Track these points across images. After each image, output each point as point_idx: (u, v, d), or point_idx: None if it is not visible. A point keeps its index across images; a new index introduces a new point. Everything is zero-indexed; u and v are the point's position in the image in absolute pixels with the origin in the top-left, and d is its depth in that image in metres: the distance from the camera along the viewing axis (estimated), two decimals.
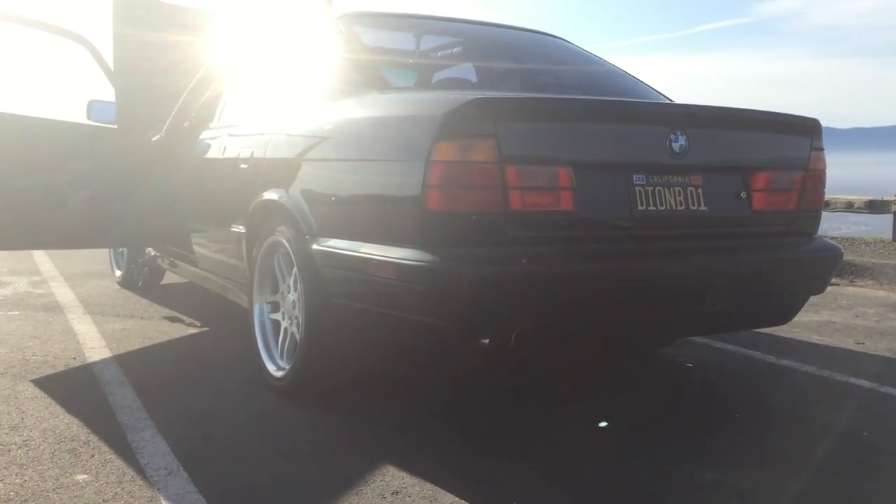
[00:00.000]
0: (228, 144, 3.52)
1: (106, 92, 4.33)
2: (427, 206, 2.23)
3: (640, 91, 3.28)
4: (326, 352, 2.71)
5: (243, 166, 3.23)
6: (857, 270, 6.19)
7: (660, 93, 3.36)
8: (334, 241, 2.57)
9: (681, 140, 2.49)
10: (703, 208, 2.56)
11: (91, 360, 3.39)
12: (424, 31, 3.60)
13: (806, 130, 2.81)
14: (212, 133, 3.82)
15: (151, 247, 4.66)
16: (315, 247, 2.64)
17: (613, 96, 3.16)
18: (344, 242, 2.53)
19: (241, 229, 3.22)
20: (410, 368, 3.32)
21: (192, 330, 4.04)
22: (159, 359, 3.51)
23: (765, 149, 2.75)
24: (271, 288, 3.07)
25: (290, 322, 2.90)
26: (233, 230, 3.33)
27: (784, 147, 2.79)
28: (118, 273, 5.33)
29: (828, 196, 7.35)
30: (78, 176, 3.87)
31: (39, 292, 5.04)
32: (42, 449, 2.36)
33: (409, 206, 2.29)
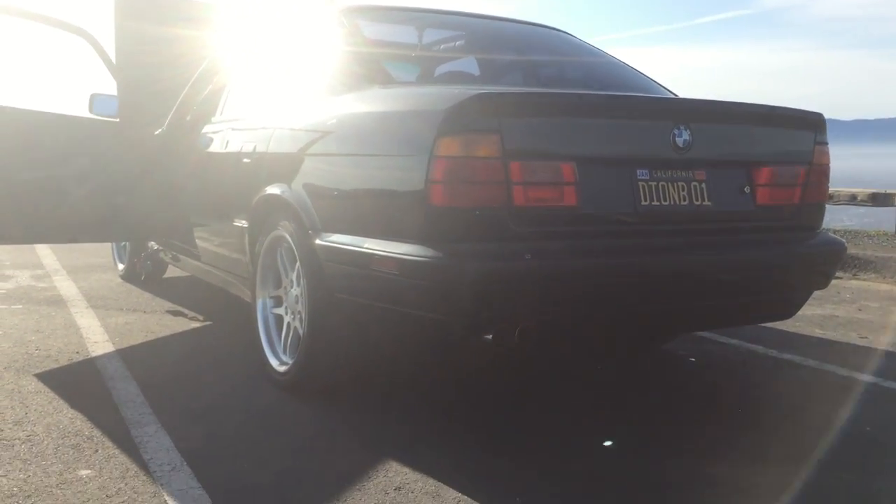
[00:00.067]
0: (231, 138, 3.51)
1: (108, 85, 4.33)
2: (430, 202, 2.23)
3: (644, 85, 3.27)
4: (329, 347, 2.71)
5: (246, 161, 3.23)
6: (861, 264, 6.19)
7: (663, 86, 3.35)
8: (337, 237, 2.57)
9: (684, 135, 2.48)
10: (707, 203, 2.55)
11: (94, 355, 3.40)
12: (427, 25, 3.59)
13: (810, 125, 2.80)
14: (214, 127, 3.81)
15: (154, 241, 4.66)
16: (318, 242, 2.63)
17: (616, 90, 3.15)
18: (347, 237, 2.53)
19: (244, 224, 3.22)
20: (414, 364, 3.32)
21: (195, 324, 4.05)
22: (162, 353, 3.52)
23: (768, 143, 2.74)
24: (274, 283, 3.07)
25: (293, 317, 2.90)
26: (235, 225, 3.33)
27: (788, 141, 2.79)
28: (121, 267, 5.33)
29: (831, 189, 7.35)
30: (80, 170, 3.87)
31: (42, 286, 5.05)
32: (45, 444, 2.36)
33: (413, 202, 2.28)
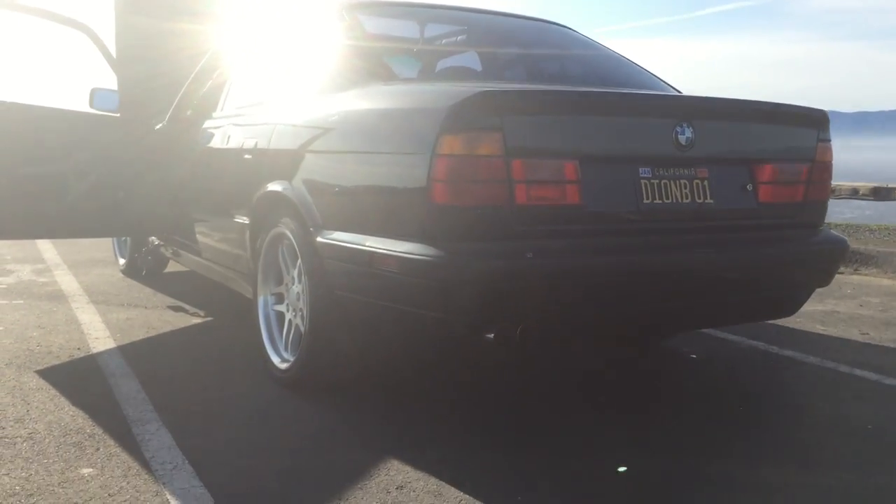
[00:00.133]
0: (232, 134, 3.50)
1: (109, 80, 4.33)
2: (432, 200, 2.22)
3: (646, 81, 3.26)
4: (331, 345, 2.70)
5: (247, 157, 3.22)
6: (862, 258, 6.17)
7: (665, 82, 3.34)
8: (339, 234, 2.56)
9: (687, 132, 2.47)
10: (709, 201, 2.55)
11: (95, 351, 3.40)
12: (428, 20, 3.58)
13: (813, 122, 2.79)
14: (215, 122, 3.80)
15: (155, 236, 4.66)
16: (319, 239, 2.63)
17: (619, 86, 3.14)
18: (348, 235, 2.52)
19: (245, 220, 3.21)
20: (415, 362, 3.31)
21: (196, 320, 4.05)
22: (164, 349, 3.51)
23: (771, 140, 2.74)
24: (275, 279, 3.07)
25: (295, 314, 2.90)
26: (236, 221, 3.32)
27: (791, 139, 2.78)
28: (122, 261, 5.33)
29: (832, 183, 7.34)
30: (81, 165, 3.87)
31: (43, 281, 5.05)
32: (47, 442, 2.36)
33: (415, 200, 2.28)
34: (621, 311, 2.47)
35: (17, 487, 2.05)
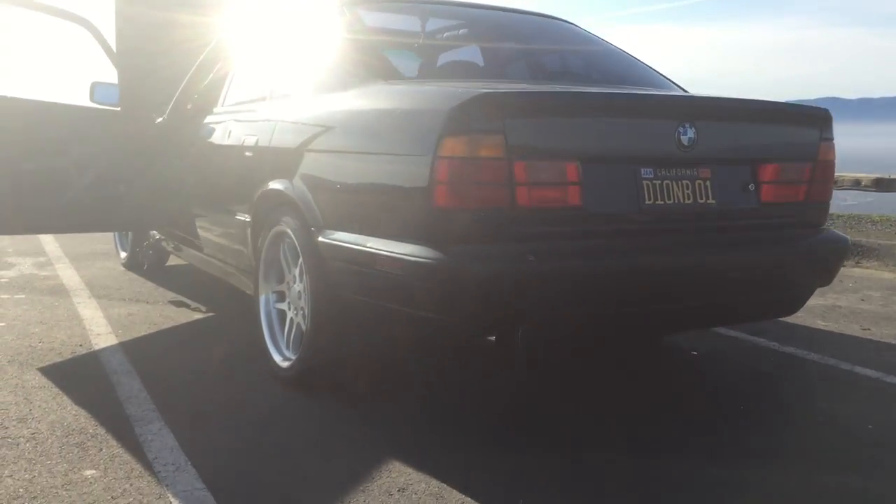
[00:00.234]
0: (233, 130, 3.49)
1: (109, 73, 4.31)
2: (434, 202, 2.22)
3: (649, 78, 3.25)
4: (332, 344, 2.71)
5: (248, 154, 3.21)
6: (864, 251, 6.17)
7: (668, 79, 3.33)
8: (340, 234, 2.56)
9: (689, 132, 2.46)
10: (711, 201, 2.54)
11: (97, 348, 3.40)
12: (430, 16, 3.56)
13: (815, 121, 2.78)
14: (216, 117, 3.79)
15: (156, 230, 4.66)
16: (321, 239, 2.63)
17: (622, 84, 3.13)
18: (350, 236, 2.52)
19: (247, 218, 3.21)
20: (417, 362, 3.30)
21: (198, 315, 4.05)
22: (165, 346, 3.52)
23: (774, 140, 2.73)
24: (277, 278, 3.07)
25: (296, 313, 2.90)
26: (238, 218, 3.32)
27: (793, 138, 2.77)
28: (123, 255, 5.33)
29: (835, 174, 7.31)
30: (82, 159, 3.86)
31: (45, 274, 5.05)
32: (50, 442, 2.37)
33: (416, 202, 2.27)
34: (623, 313, 2.47)
35: (21, 490, 2.06)
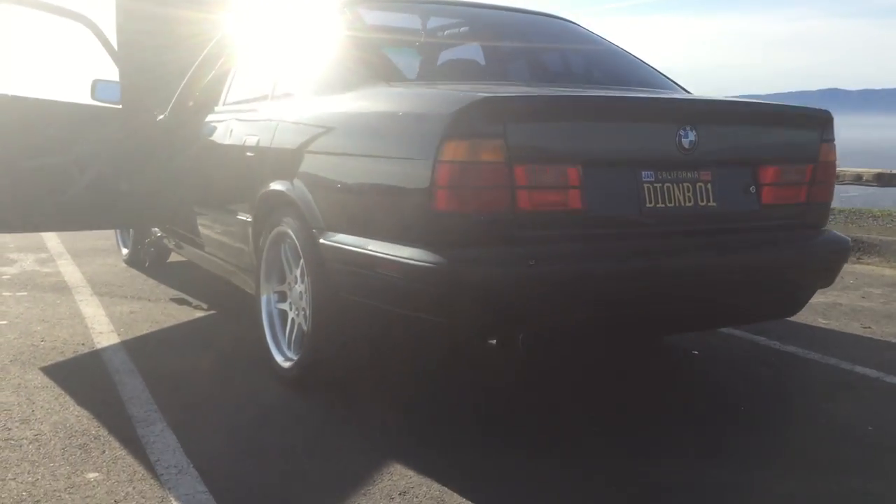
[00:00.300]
0: (235, 129, 3.49)
1: (111, 70, 4.30)
2: (435, 206, 2.22)
3: (651, 78, 3.24)
4: (333, 346, 2.71)
5: (249, 154, 3.21)
6: (865, 247, 6.18)
7: (670, 79, 3.32)
8: (341, 237, 2.57)
9: (690, 135, 2.46)
10: (712, 204, 2.54)
11: (99, 346, 3.41)
12: (432, 15, 3.56)
13: (816, 122, 2.78)
14: (218, 115, 3.79)
15: (157, 227, 4.66)
16: (322, 241, 2.63)
17: (623, 85, 3.13)
18: (351, 238, 2.53)
19: (248, 218, 3.21)
20: (419, 365, 3.29)
21: (199, 313, 4.06)
22: (167, 345, 3.53)
23: (775, 142, 2.73)
24: (278, 278, 3.07)
25: (298, 313, 2.91)
26: (239, 218, 3.32)
27: (794, 140, 2.77)
28: (124, 251, 5.34)
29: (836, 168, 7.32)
30: (83, 157, 3.86)
31: (47, 271, 5.06)
32: (53, 444, 2.38)
33: (417, 206, 2.28)
34: (624, 316, 2.47)
35: (24, 493, 2.07)
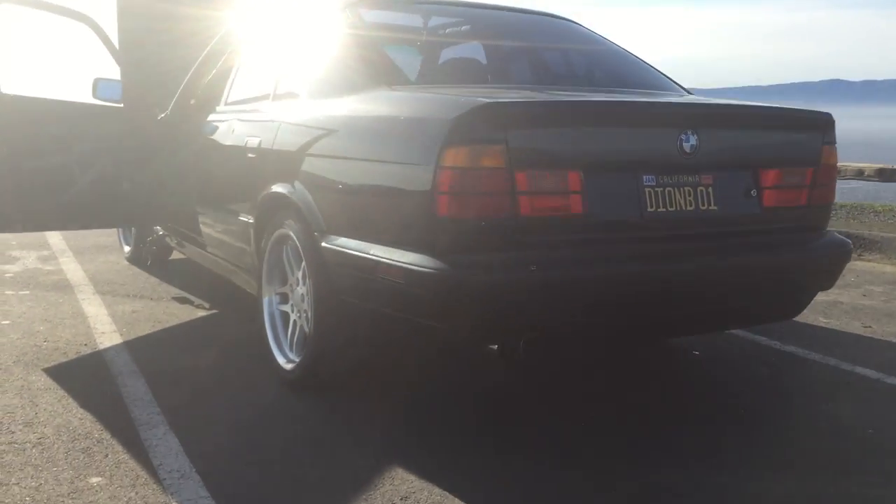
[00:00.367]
0: (236, 129, 3.49)
1: (112, 69, 4.30)
2: (436, 212, 2.23)
3: (653, 80, 3.24)
4: (335, 349, 2.72)
5: (251, 155, 3.21)
6: (866, 244, 6.17)
7: (671, 80, 3.32)
8: (343, 240, 2.57)
9: (692, 140, 2.47)
10: (713, 208, 2.54)
11: (102, 347, 3.42)
12: (433, 15, 3.56)
13: (818, 125, 2.78)
14: (219, 115, 3.79)
15: (159, 225, 4.67)
16: (324, 244, 2.64)
17: (625, 86, 3.13)
18: (352, 242, 2.53)
19: (250, 219, 3.22)
20: (421, 367, 3.26)
21: (201, 312, 4.07)
22: (170, 345, 3.54)
23: (776, 145, 2.73)
24: (280, 279, 3.08)
25: (299, 315, 2.91)
26: (241, 219, 3.33)
27: (795, 142, 2.77)
28: (126, 249, 5.34)
29: (838, 164, 7.33)
30: (85, 157, 3.87)
31: (49, 269, 5.07)
32: (56, 448, 2.39)
33: (419, 211, 2.28)
34: (625, 320, 2.48)
35: (28, 498, 2.08)
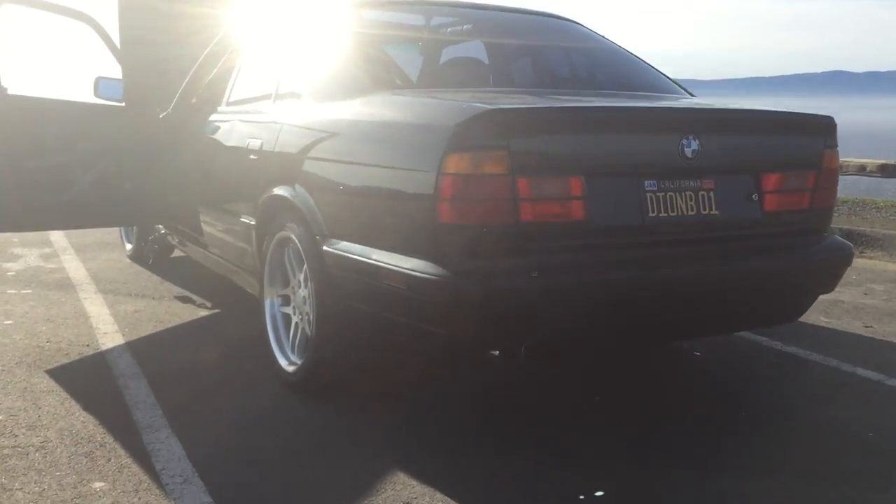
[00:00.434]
0: (238, 130, 3.48)
1: (114, 68, 4.30)
2: (438, 219, 2.23)
3: (655, 82, 3.24)
4: (337, 352, 2.73)
5: (253, 157, 3.21)
6: (868, 241, 6.16)
7: (674, 81, 3.32)
8: (345, 244, 2.57)
9: (693, 145, 2.46)
10: (715, 212, 2.54)
11: (104, 348, 3.43)
12: (435, 16, 3.55)
13: (820, 129, 2.78)
14: (221, 115, 3.78)
15: (161, 224, 4.67)
16: (325, 248, 2.64)
17: (627, 88, 3.13)
18: (354, 246, 2.53)
19: (251, 221, 3.22)
20: (423, 371, 3.25)
21: (203, 311, 4.08)
22: (172, 346, 3.55)
23: (778, 149, 2.73)
24: (282, 281, 3.08)
25: (301, 318, 2.92)
26: (242, 220, 3.33)
27: (797, 146, 2.77)
28: (128, 246, 5.35)
29: (840, 159, 7.33)
30: (87, 156, 3.87)
31: (51, 267, 5.08)
32: (59, 452, 2.40)
33: (421, 217, 2.29)
34: (627, 326, 2.49)
35: (31, 503, 2.09)
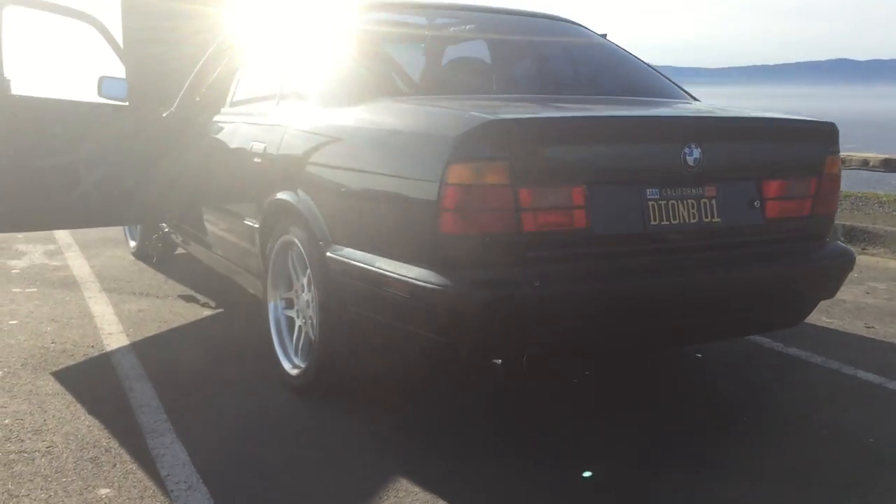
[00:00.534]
0: (242, 132, 3.50)
1: (117, 68, 4.30)
2: (441, 228, 2.24)
3: (657, 85, 3.24)
4: (340, 356, 2.74)
5: (256, 160, 3.22)
6: (870, 238, 6.17)
7: (676, 84, 3.32)
8: (348, 251, 2.59)
9: (695, 152, 2.47)
10: (717, 220, 2.55)
11: (109, 349, 3.45)
12: (438, 18, 3.55)
13: (821, 135, 2.78)
14: (225, 117, 3.79)
15: (165, 223, 4.69)
16: (329, 254, 2.65)
17: (630, 93, 3.13)
18: (357, 253, 2.55)
19: (255, 224, 3.23)
20: (426, 376, 3.24)
21: (207, 311, 4.09)
22: (176, 347, 3.57)
23: (780, 155, 2.73)
24: (285, 284, 3.10)
25: (305, 321, 2.94)
26: (246, 223, 3.35)
27: (799, 153, 2.77)
28: (132, 244, 5.37)
29: (842, 154, 7.30)
30: (91, 156, 3.88)
31: (55, 264, 5.10)
32: (65, 457, 2.42)
33: (423, 226, 2.30)
34: (629, 333, 2.50)
35: None
